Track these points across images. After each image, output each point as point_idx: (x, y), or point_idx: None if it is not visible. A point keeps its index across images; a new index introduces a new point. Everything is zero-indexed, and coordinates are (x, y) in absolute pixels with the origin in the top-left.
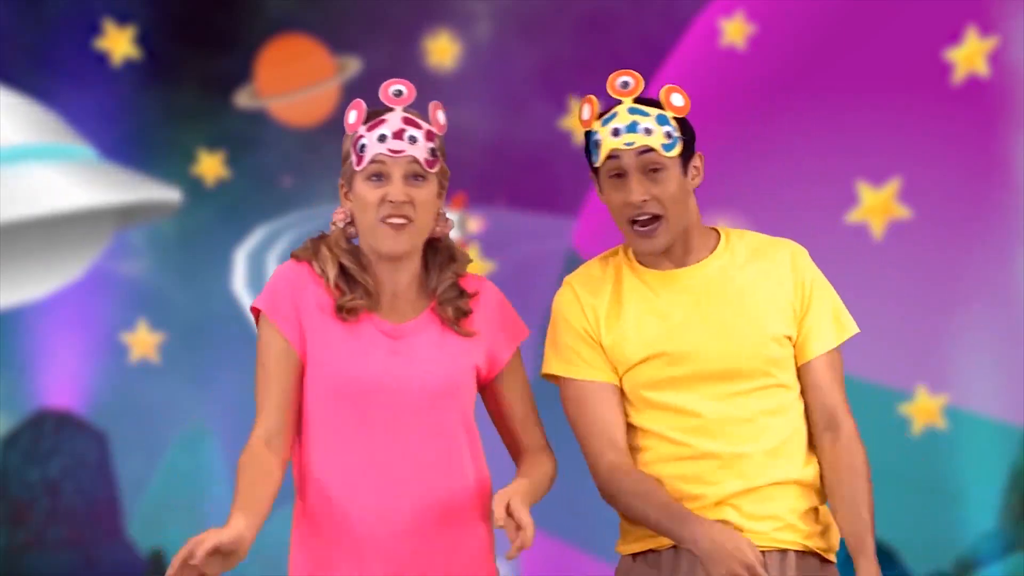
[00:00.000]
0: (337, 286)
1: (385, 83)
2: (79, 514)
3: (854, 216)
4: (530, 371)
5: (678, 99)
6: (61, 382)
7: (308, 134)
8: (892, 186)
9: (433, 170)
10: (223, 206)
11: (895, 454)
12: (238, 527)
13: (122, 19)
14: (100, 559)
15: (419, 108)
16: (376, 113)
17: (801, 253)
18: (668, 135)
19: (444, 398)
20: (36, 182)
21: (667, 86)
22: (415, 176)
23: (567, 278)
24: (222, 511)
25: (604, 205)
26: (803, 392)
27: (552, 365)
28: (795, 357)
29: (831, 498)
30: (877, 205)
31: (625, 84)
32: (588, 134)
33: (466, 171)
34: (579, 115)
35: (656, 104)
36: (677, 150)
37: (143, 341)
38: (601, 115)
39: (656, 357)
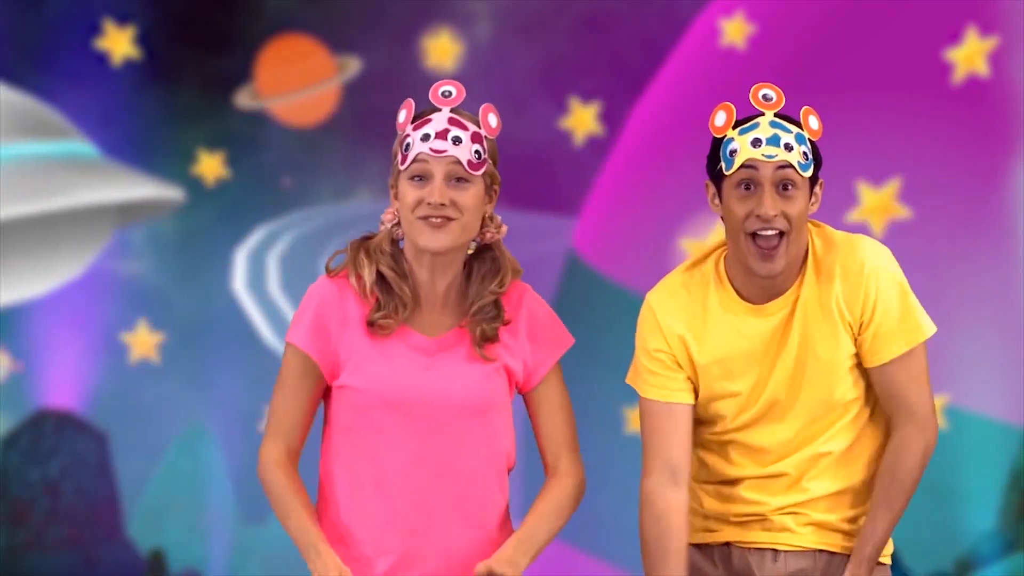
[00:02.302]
0: (373, 294)
1: (436, 84)
2: (79, 514)
3: (854, 216)
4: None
5: (815, 122)
6: (61, 382)
7: (308, 134)
8: (892, 186)
9: (477, 172)
10: (223, 206)
11: None
12: (342, 566)
13: (122, 19)
14: (100, 559)
15: (473, 110)
16: (424, 113)
17: (869, 257)
18: (805, 155)
19: (472, 417)
20: (36, 179)
21: (806, 108)
22: (458, 179)
23: (648, 295)
24: (222, 511)
25: (609, 206)
26: (876, 391)
27: (630, 375)
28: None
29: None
30: (877, 205)
31: (768, 97)
32: (720, 141)
33: None
34: (711, 121)
35: (796, 122)
36: (810, 171)
37: (143, 341)
38: (737, 123)
39: (729, 397)
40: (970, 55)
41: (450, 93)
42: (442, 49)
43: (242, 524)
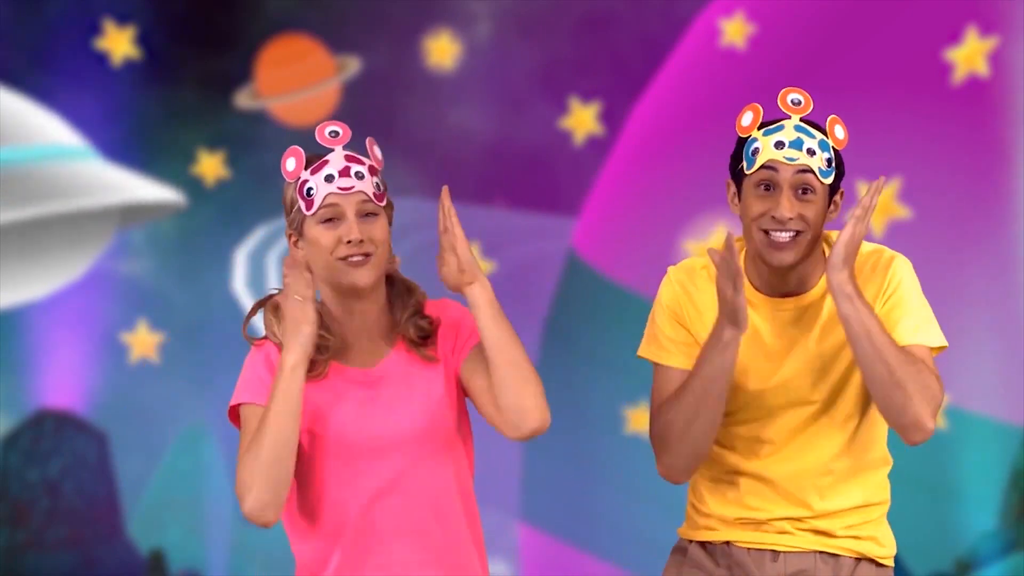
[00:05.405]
0: None
1: (320, 126)
2: (79, 514)
3: None
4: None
5: (840, 132)
6: (61, 382)
7: (308, 134)
8: (892, 186)
9: (382, 204)
10: (223, 206)
11: (895, 454)
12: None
13: (122, 19)
14: (100, 559)
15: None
16: (316, 156)
17: (899, 265)
18: (828, 162)
19: (426, 439)
20: (37, 182)
21: (832, 116)
22: (367, 213)
23: (669, 268)
24: (222, 511)
25: (609, 206)
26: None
27: (643, 348)
28: None
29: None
30: (877, 205)
31: (797, 102)
32: (744, 140)
33: (466, 171)
34: (738, 121)
35: (821, 129)
36: (830, 179)
37: (143, 341)
38: (763, 125)
39: (741, 390)
40: (970, 55)
41: (337, 133)
42: (442, 49)
43: (242, 524)
